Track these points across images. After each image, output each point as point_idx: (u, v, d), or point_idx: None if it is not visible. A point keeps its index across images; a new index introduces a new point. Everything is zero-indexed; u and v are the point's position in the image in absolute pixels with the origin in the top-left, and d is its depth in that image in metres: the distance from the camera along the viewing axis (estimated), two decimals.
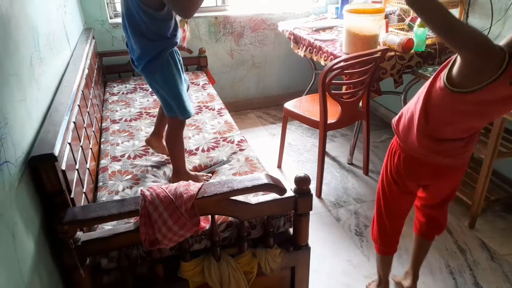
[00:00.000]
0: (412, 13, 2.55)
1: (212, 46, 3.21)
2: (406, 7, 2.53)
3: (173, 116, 1.61)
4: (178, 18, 1.58)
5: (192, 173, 1.71)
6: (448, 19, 1.01)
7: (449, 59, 1.14)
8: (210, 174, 1.77)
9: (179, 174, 1.65)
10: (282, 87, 3.61)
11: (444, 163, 1.31)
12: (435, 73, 1.18)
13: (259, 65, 3.47)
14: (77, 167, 1.41)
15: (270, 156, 2.76)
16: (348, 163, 2.73)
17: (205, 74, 3.01)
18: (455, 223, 2.13)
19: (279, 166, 2.70)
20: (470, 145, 1.27)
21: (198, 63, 3.10)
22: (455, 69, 1.08)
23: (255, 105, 3.59)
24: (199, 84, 2.79)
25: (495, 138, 1.82)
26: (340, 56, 2.23)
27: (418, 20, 2.26)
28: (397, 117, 1.40)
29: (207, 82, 2.84)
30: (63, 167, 1.20)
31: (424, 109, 1.20)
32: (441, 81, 1.13)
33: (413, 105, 1.27)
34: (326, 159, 2.77)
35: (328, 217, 2.21)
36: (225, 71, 3.38)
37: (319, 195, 2.38)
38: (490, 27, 2.21)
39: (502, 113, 1.39)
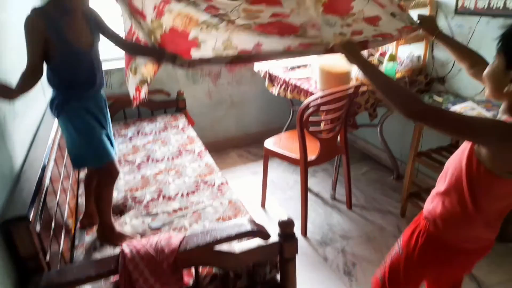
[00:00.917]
0: (381, 48, 2.66)
1: (190, 87, 3.24)
2: None
3: (92, 165, 1.55)
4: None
5: (118, 230, 1.59)
6: (465, 120, 0.96)
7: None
8: (138, 235, 1.62)
9: (105, 230, 1.57)
10: (262, 124, 3.65)
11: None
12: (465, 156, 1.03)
13: (238, 104, 3.51)
14: (52, 225, 1.36)
15: (253, 196, 2.74)
16: (331, 198, 2.73)
17: (184, 116, 3.02)
18: None
19: (262, 206, 2.68)
20: None
21: (176, 105, 3.12)
22: (489, 160, 0.97)
23: (236, 143, 3.60)
24: (178, 127, 2.79)
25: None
26: (315, 93, 2.28)
27: (387, 55, 2.35)
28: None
29: (186, 124, 2.85)
30: (37, 229, 1.15)
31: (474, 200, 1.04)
32: (484, 172, 0.99)
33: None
34: (309, 195, 2.77)
35: (315, 257, 2.17)
36: (204, 111, 3.40)
37: (304, 234, 2.36)
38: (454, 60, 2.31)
39: None
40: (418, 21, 1.44)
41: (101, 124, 1.55)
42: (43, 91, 2.06)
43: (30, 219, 1.10)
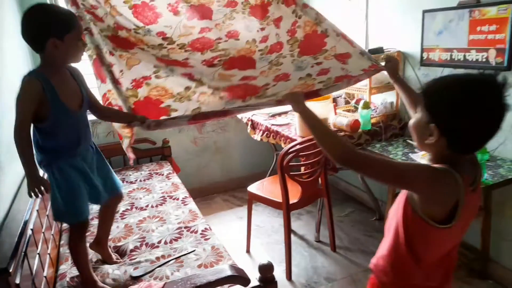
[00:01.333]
0: (357, 95, 2.81)
1: (175, 136, 3.33)
2: (351, 91, 2.80)
3: (64, 221, 1.59)
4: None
5: (100, 284, 1.58)
6: (392, 168, 0.99)
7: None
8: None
9: (86, 285, 1.56)
10: (246, 169, 3.71)
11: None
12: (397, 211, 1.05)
13: (223, 150, 3.60)
14: (32, 277, 1.36)
15: (238, 241, 2.75)
16: (316, 241, 2.75)
17: (169, 164, 3.08)
18: None
19: (247, 251, 2.68)
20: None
21: (162, 153, 3.18)
22: (420, 206, 0.98)
23: (221, 188, 3.64)
24: (163, 174, 2.84)
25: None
26: (295, 140, 2.38)
27: (361, 102, 2.49)
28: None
29: (171, 172, 2.90)
30: (17, 281, 1.16)
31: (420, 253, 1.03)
32: (417, 220, 0.99)
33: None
34: (294, 238, 2.79)
35: None
36: (189, 158, 3.46)
37: (289, 278, 2.36)
38: None
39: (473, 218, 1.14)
40: (384, 62, 1.55)
41: (87, 178, 1.56)
42: None
43: (10, 272, 1.11)
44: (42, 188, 1.34)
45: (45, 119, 1.40)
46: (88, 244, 1.72)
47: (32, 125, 1.41)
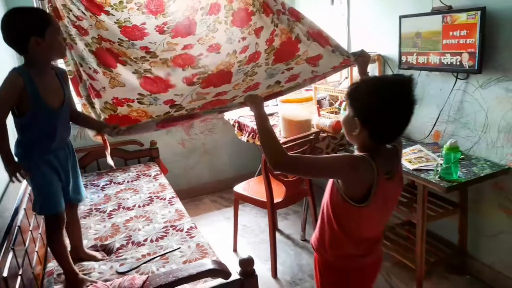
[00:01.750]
0: (341, 98, 2.89)
1: (163, 137, 3.37)
2: (334, 93, 2.88)
3: (40, 212, 1.62)
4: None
5: (81, 276, 1.63)
6: (318, 163, 1.15)
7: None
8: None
9: (69, 277, 1.61)
10: (234, 170, 3.77)
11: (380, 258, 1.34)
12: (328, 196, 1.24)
13: (210, 151, 3.65)
14: (20, 273, 1.40)
15: (226, 241, 2.80)
16: (301, 240, 2.82)
17: (157, 165, 3.12)
18: None
19: (234, 250, 2.73)
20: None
21: (150, 155, 3.23)
22: (343, 189, 1.16)
23: (209, 189, 3.69)
24: (150, 175, 2.88)
25: (421, 203, 2.02)
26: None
27: (344, 104, 2.57)
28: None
29: (159, 173, 2.94)
30: (5, 274, 1.20)
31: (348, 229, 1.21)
32: (342, 200, 1.16)
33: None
34: (280, 237, 2.85)
35: None
36: (177, 159, 3.51)
37: (274, 275, 2.41)
38: None
39: (396, 203, 1.36)
40: (357, 55, 1.62)
41: (59, 175, 1.60)
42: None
43: None
44: (19, 174, 1.41)
45: (24, 113, 1.45)
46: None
47: (15, 122, 1.48)
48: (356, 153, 1.19)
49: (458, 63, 2.05)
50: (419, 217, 2.05)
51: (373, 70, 2.67)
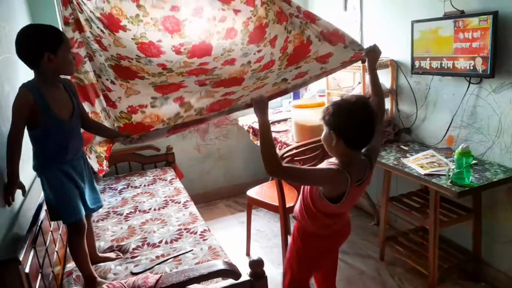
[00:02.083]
0: None
1: (179, 143, 3.45)
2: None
3: (60, 220, 1.68)
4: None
5: (99, 280, 1.68)
6: (305, 174, 1.47)
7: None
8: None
9: (88, 282, 1.66)
10: (249, 175, 3.81)
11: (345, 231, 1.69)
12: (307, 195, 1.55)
13: (225, 156, 3.71)
14: (41, 270, 1.47)
15: (239, 244, 2.83)
16: None
17: (173, 170, 3.19)
18: None
19: (247, 254, 2.76)
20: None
21: (166, 160, 3.30)
22: (322, 191, 1.47)
23: (224, 194, 3.74)
24: (166, 180, 2.95)
25: (433, 208, 2.01)
26: (291, 145, 2.48)
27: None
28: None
29: (174, 177, 3.01)
30: (27, 270, 1.27)
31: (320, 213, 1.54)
32: (324, 202, 1.47)
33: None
34: None
35: None
36: (193, 164, 3.58)
37: None
38: (416, 112, 2.55)
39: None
40: (368, 50, 1.66)
41: (77, 185, 1.66)
42: None
43: (20, 261, 1.23)
44: (13, 195, 1.47)
45: (37, 126, 1.52)
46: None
47: (29, 134, 1.55)
48: (334, 164, 1.44)
49: (471, 68, 2.05)
50: (432, 222, 2.04)
51: (386, 75, 2.68)
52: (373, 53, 1.66)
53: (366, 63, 1.68)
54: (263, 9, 1.86)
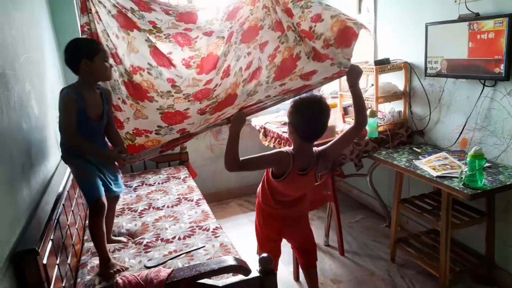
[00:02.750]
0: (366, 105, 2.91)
1: (193, 142, 3.47)
2: None
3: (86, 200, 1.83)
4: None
5: (113, 261, 1.79)
6: (260, 160, 1.74)
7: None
8: (126, 266, 1.81)
9: (103, 262, 1.76)
10: (261, 175, 3.79)
11: (290, 215, 1.91)
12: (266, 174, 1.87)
13: None
14: (57, 262, 1.53)
15: (250, 243, 2.85)
16: (325, 245, 2.84)
17: (186, 168, 3.25)
18: None
19: (258, 253, 2.78)
20: (300, 203, 1.90)
21: (179, 159, 3.36)
22: (272, 170, 1.79)
23: (236, 194, 3.78)
24: (180, 178, 3.00)
25: (445, 210, 2.01)
26: None
27: (368, 111, 2.58)
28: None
29: (187, 176, 3.06)
30: (44, 261, 1.33)
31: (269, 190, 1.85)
32: (270, 177, 1.80)
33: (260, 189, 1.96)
34: None
35: None
36: (206, 163, 3.63)
37: (297, 278, 2.45)
38: (430, 114, 2.54)
39: (306, 189, 1.90)
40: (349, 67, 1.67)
41: (101, 171, 1.86)
42: (58, 146, 2.32)
43: (38, 252, 1.28)
44: (123, 161, 1.83)
45: None
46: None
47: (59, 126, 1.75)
48: (287, 149, 1.74)
49: (485, 70, 2.03)
50: (443, 225, 2.04)
51: (399, 77, 2.68)
52: (352, 71, 1.68)
53: (346, 79, 1.73)
54: (262, 12, 1.87)
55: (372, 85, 2.79)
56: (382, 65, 2.57)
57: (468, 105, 2.27)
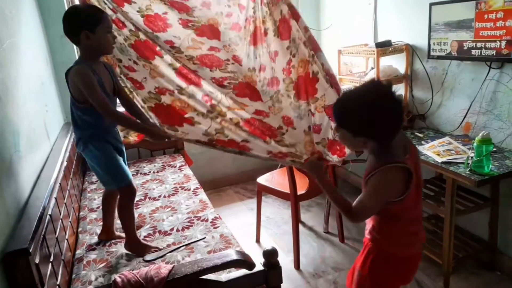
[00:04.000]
0: None
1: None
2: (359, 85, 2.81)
3: (114, 187, 1.81)
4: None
5: (143, 242, 1.82)
6: (375, 200, 1.27)
7: None
8: (160, 247, 1.83)
9: (131, 242, 1.78)
10: (258, 162, 3.74)
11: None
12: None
13: None
14: (51, 259, 1.45)
15: (249, 231, 2.82)
16: (324, 232, 2.80)
17: (181, 156, 3.16)
18: (430, 284, 2.17)
19: (257, 241, 2.75)
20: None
21: (175, 146, 3.27)
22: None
23: (233, 181, 3.71)
24: (175, 166, 2.92)
25: (449, 197, 1.96)
26: None
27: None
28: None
29: (183, 164, 2.98)
30: (37, 261, 1.25)
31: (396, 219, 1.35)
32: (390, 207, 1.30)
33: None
34: (303, 229, 2.84)
35: None
36: (202, 151, 3.53)
37: (297, 267, 2.41)
38: (432, 98, 2.47)
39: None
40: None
41: (119, 152, 1.82)
42: (47, 136, 2.22)
43: (30, 252, 1.20)
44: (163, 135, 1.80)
45: (87, 100, 1.62)
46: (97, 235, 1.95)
47: (75, 104, 1.66)
48: (386, 163, 1.24)
49: (492, 52, 1.96)
50: (448, 211, 1.99)
51: (401, 60, 2.60)
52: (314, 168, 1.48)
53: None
54: (262, 12, 1.72)
55: (373, 68, 2.72)
56: (384, 47, 2.48)
57: (472, 88, 2.21)
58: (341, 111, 1.24)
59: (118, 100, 1.85)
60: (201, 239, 1.89)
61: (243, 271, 1.46)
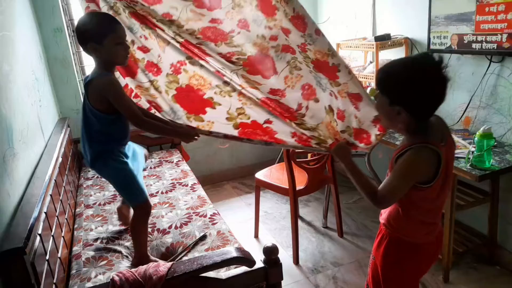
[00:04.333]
0: (364, 83, 2.81)
1: None
2: (359, 78, 2.79)
3: (131, 204, 1.75)
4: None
5: (153, 258, 1.73)
6: (400, 184, 1.22)
7: None
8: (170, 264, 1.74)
9: (141, 259, 1.68)
10: (255, 157, 3.74)
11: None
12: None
13: None
14: (47, 257, 1.42)
15: (247, 227, 2.80)
16: (323, 227, 2.79)
17: (179, 152, 3.13)
18: (430, 278, 2.16)
19: (256, 236, 2.73)
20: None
21: (172, 141, 3.24)
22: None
23: (230, 176, 3.69)
24: (172, 162, 2.89)
25: (451, 192, 1.95)
26: None
27: (368, 89, 2.48)
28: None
29: (181, 159, 2.95)
30: (32, 260, 1.22)
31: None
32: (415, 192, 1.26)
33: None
34: (302, 224, 2.83)
35: (307, 285, 2.21)
36: (199, 146, 3.51)
37: (296, 262, 2.40)
38: None
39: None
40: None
41: (134, 165, 1.75)
42: (42, 131, 2.18)
43: (25, 251, 1.17)
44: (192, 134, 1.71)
45: (114, 111, 1.57)
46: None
47: (97, 115, 1.58)
48: (408, 141, 1.23)
49: (493, 46, 1.94)
50: (448, 207, 1.98)
51: (400, 54, 2.57)
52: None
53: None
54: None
55: (371, 62, 2.69)
56: (383, 41, 2.46)
57: (472, 82, 2.19)
58: (384, 74, 1.21)
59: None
60: (203, 237, 1.86)
61: (243, 269, 1.44)
